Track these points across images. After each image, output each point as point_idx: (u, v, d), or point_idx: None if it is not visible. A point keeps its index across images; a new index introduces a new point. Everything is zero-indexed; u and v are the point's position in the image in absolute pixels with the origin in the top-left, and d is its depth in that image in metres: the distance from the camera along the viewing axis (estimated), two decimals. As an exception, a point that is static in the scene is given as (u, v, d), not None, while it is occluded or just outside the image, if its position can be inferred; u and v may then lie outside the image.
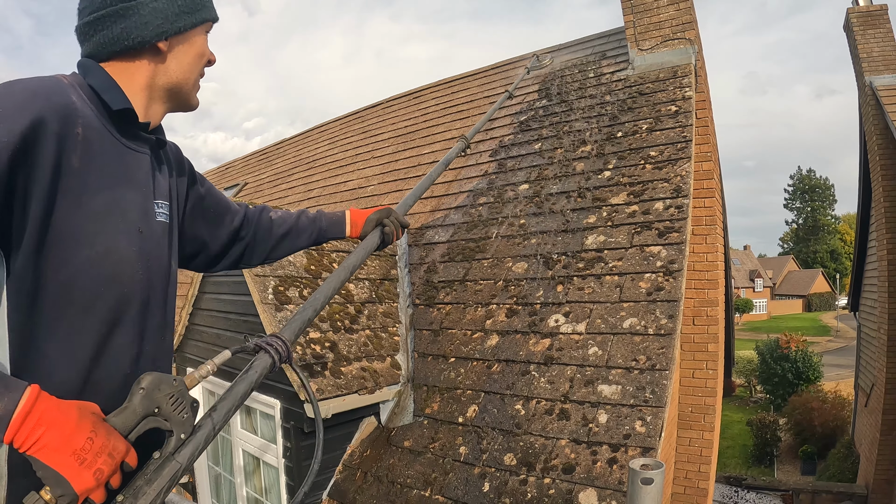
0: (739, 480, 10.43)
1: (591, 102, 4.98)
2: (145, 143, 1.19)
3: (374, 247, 1.73)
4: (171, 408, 0.96)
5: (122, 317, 1.09)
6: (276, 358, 1.15)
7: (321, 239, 1.78)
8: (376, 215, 1.80)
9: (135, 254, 1.10)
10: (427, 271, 4.24)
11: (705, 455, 4.44)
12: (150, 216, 1.17)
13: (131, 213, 1.11)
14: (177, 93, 1.25)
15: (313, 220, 1.77)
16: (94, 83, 1.10)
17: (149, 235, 1.15)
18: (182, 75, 1.24)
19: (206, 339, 4.05)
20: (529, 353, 3.22)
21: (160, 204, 1.22)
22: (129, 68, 1.16)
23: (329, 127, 9.59)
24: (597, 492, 2.45)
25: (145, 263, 1.14)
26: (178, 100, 1.27)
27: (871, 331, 10.33)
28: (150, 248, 1.16)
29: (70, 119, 1.00)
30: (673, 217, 3.40)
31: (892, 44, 8.23)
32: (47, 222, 0.96)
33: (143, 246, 1.13)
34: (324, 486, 3.24)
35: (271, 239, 1.67)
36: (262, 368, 1.13)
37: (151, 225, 1.17)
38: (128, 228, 1.09)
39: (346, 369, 3.23)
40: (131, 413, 0.92)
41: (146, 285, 1.14)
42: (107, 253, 1.05)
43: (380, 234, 1.76)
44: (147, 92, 1.19)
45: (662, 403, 2.62)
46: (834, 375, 21.45)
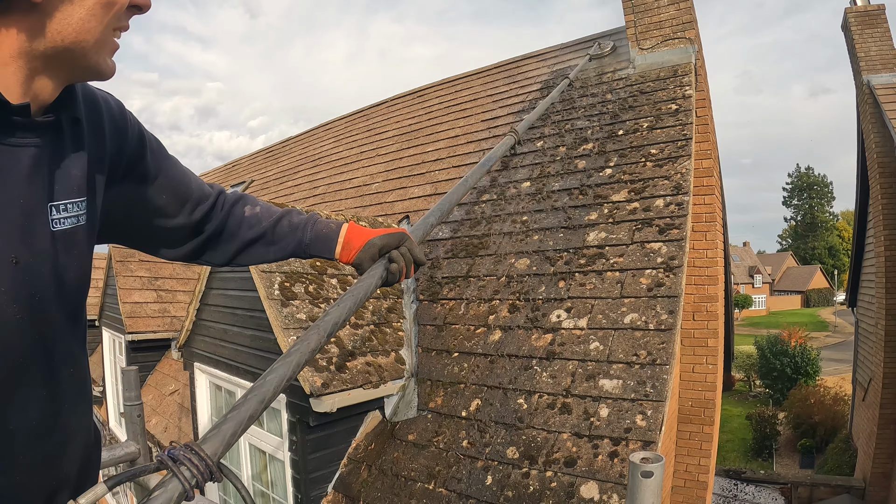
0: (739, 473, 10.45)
1: (593, 101, 4.98)
2: (31, 132, 0.85)
3: (372, 289, 1.32)
4: None
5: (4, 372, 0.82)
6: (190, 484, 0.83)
7: (300, 253, 1.37)
8: (381, 241, 1.35)
9: (5, 295, 0.81)
10: (431, 267, 4.26)
11: (705, 448, 4.45)
12: (35, 232, 0.86)
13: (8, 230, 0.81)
14: (70, 57, 0.86)
15: (295, 227, 1.36)
16: None
17: (32, 260, 0.85)
18: (75, 33, 0.84)
19: (213, 335, 4.08)
20: (532, 348, 3.24)
21: (62, 206, 0.91)
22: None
23: (334, 125, 9.61)
24: (598, 485, 2.47)
25: (25, 301, 0.84)
26: (76, 66, 0.89)
27: (868, 326, 10.37)
28: (37, 277, 0.86)
29: None
30: (673, 214, 3.42)
31: (889, 43, 8.26)
32: None
33: (23, 278, 0.83)
34: (329, 479, 3.25)
35: (237, 240, 1.33)
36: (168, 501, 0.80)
37: (37, 244, 0.86)
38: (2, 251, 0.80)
39: (350, 364, 3.25)
40: None
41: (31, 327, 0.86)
42: None
43: (382, 272, 1.35)
44: (24, 61, 0.82)
45: (663, 398, 2.63)
46: (832, 370, 21.52)
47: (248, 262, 1.38)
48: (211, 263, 1.36)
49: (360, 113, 9.12)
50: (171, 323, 6.45)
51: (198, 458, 0.84)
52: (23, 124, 0.84)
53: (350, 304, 1.27)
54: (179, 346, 4.52)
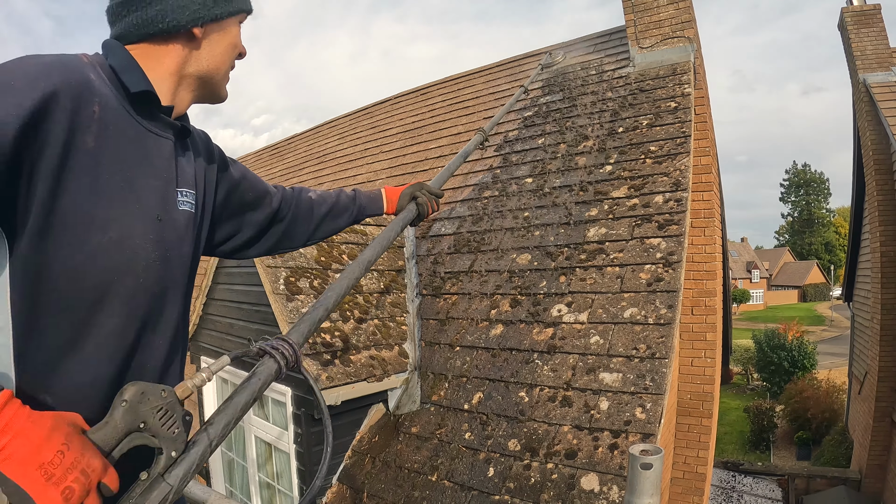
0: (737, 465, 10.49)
1: (594, 99, 5.00)
2: (169, 128, 1.12)
3: (410, 219, 1.75)
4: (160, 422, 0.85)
5: (136, 308, 1.01)
6: (283, 363, 1.05)
7: (360, 217, 1.77)
8: (409, 189, 1.84)
9: (152, 242, 1.03)
10: (434, 263, 4.29)
11: (703, 441, 4.48)
12: (170, 204, 1.10)
13: (149, 199, 1.04)
14: (207, 82, 1.20)
15: (352, 198, 1.75)
16: (114, 63, 1.03)
17: (168, 224, 1.08)
18: (214, 64, 1.18)
19: (220, 329, 4.12)
20: (533, 342, 3.27)
21: (184, 192, 1.15)
22: (159, 52, 1.10)
23: (339, 122, 9.60)
24: (598, 476, 2.50)
25: (163, 253, 1.06)
26: (208, 89, 1.22)
27: (864, 320, 10.42)
28: (170, 238, 1.09)
29: (86, 97, 0.93)
30: (672, 210, 3.44)
31: (885, 42, 8.27)
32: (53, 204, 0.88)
33: (162, 234, 1.06)
34: (334, 470, 3.29)
35: (313, 219, 1.64)
36: (267, 376, 1.01)
37: (172, 213, 1.10)
38: (145, 215, 1.02)
39: (355, 357, 3.28)
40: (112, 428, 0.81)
41: (162, 276, 1.07)
42: (121, 240, 0.97)
43: (415, 207, 1.80)
44: (176, 78, 1.12)
45: (662, 391, 2.66)
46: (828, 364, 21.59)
47: (323, 235, 1.71)
48: (293, 245, 1.65)
49: (364, 110, 9.11)
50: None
51: (288, 345, 1.07)
52: (167, 122, 1.12)
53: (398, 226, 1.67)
54: (186, 340, 4.55)
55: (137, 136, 1.03)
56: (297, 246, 1.67)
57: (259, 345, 1.06)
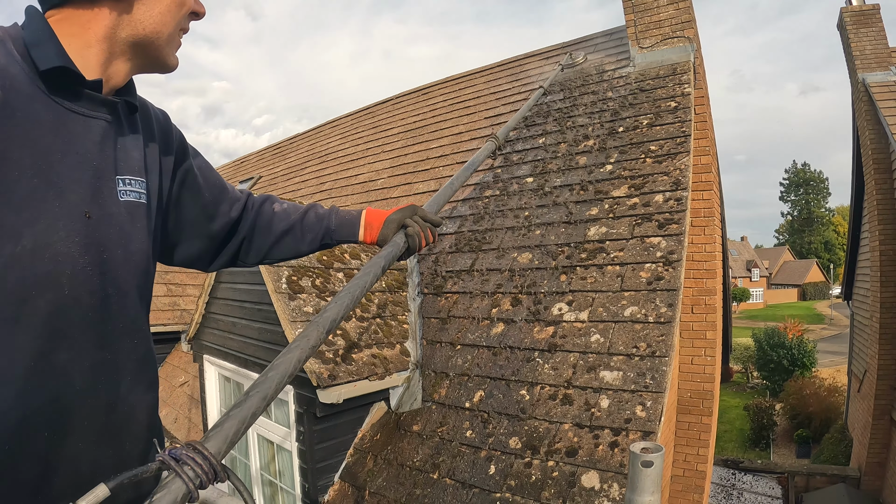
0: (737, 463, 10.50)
1: (594, 98, 5.02)
2: (101, 107, 0.96)
3: (395, 255, 1.36)
4: None
5: (65, 326, 0.87)
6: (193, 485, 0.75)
7: (328, 241, 1.44)
8: (397, 215, 1.43)
9: (78, 246, 0.88)
10: (435, 262, 4.30)
11: (703, 439, 4.48)
12: (105, 196, 0.95)
13: (74, 195, 0.89)
14: (146, 47, 1.00)
15: (321, 217, 1.43)
16: (26, 36, 0.88)
17: (103, 220, 0.93)
18: (152, 26, 0.99)
19: (223, 328, 4.13)
20: (534, 341, 3.28)
21: (127, 180, 1.00)
22: (83, 16, 0.92)
23: (340, 122, 9.61)
24: (599, 474, 2.51)
25: (96, 256, 0.92)
26: (149, 57, 1.03)
27: (863, 319, 10.43)
28: (106, 236, 0.94)
29: None
30: (672, 209, 3.45)
31: (884, 42, 8.27)
32: None
33: (93, 234, 0.91)
34: (336, 468, 3.30)
35: (270, 235, 1.38)
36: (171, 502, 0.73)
37: (107, 206, 0.95)
38: (68, 213, 0.87)
39: (356, 356, 3.29)
40: None
41: (99, 283, 0.92)
42: (36, 248, 0.83)
43: (404, 240, 1.40)
44: (106, 44, 0.95)
45: (662, 389, 2.67)
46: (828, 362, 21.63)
47: (281, 257, 1.44)
48: (246, 264, 1.42)
49: (365, 110, 9.13)
50: (180, 316, 6.49)
51: (201, 457, 0.77)
52: (94, 98, 0.94)
53: (376, 270, 1.27)
54: (189, 338, 4.56)
55: (56, 121, 0.88)
56: (249, 265, 1.43)
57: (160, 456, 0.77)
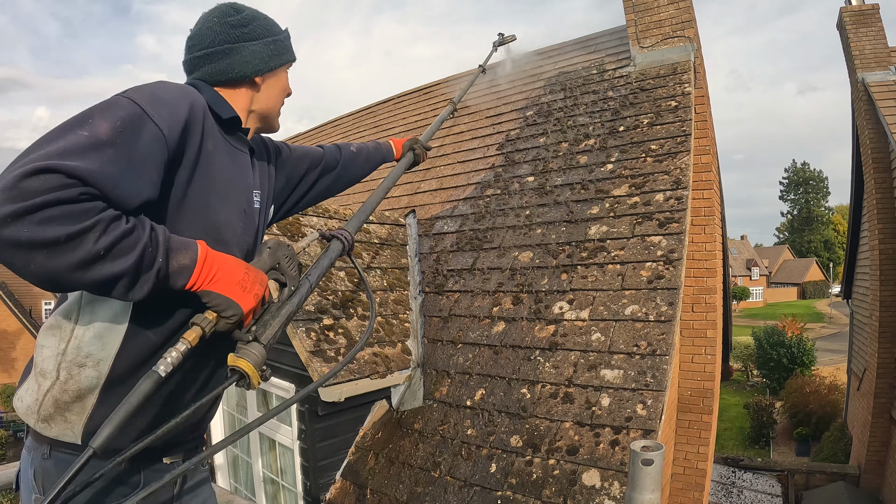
0: (737, 461, 10.50)
1: (595, 98, 5.02)
2: (246, 145, 1.46)
3: (409, 163, 2.33)
4: (287, 264, 1.30)
5: None
6: (346, 244, 1.53)
7: (384, 160, 2.29)
8: (408, 143, 2.39)
9: (241, 227, 1.38)
10: (436, 260, 4.31)
11: (704, 437, 4.49)
12: (250, 201, 1.44)
13: (240, 197, 1.39)
14: (265, 117, 1.54)
15: (377, 148, 2.26)
16: (206, 97, 1.32)
17: (249, 215, 1.43)
18: (270, 104, 1.52)
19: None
20: (535, 339, 3.29)
21: (256, 193, 1.49)
22: (230, 94, 1.41)
23: (342, 121, 9.61)
24: (599, 472, 2.53)
25: (244, 233, 1.40)
26: (265, 122, 1.56)
27: (863, 317, 10.45)
28: (248, 227, 1.43)
29: (205, 114, 1.26)
30: (673, 208, 3.47)
31: (883, 42, 8.29)
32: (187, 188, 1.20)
33: (246, 224, 1.41)
34: (337, 466, 3.32)
35: (357, 163, 2.10)
36: (335, 252, 1.48)
37: (251, 208, 1.45)
38: (238, 207, 1.37)
39: (358, 354, 3.31)
40: (262, 263, 1.25)
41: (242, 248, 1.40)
42: (226, 223, 1.32)
43: (412, 156, 2.35)
44: (245, 113, 1.45)
45: (663, 387, 2.69)
46: (827, 360, 21.64)
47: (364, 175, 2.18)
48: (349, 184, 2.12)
49: (367, 110, 9.13)
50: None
51: (346, 232, 1.56)
52: (244, 140, 1.46)
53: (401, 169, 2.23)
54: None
55: (229, 150, 1.36)
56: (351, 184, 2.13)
57: (327, 232, 1.54)
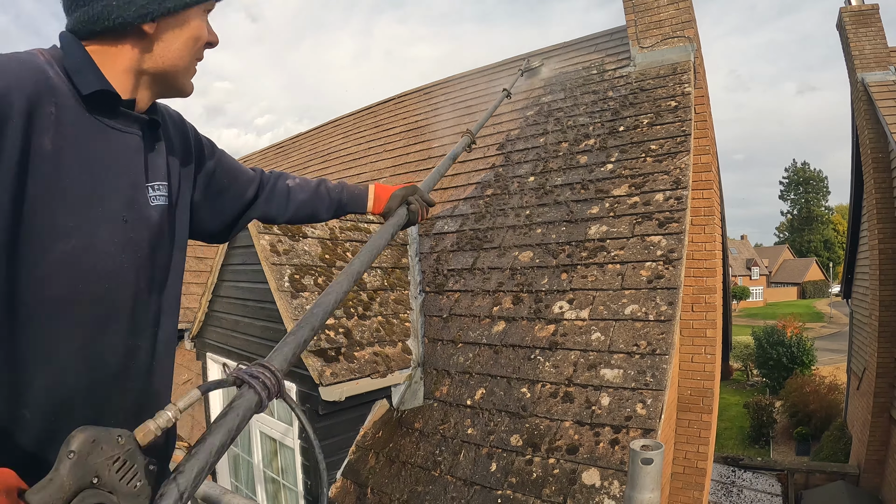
0: (736, 461, 10.49)
1: (594, 98, 5.03)
2: (134, 123, 1.07)
3: (400, 224, 1.63)
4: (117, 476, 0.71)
5: (107, 315, 0.99)
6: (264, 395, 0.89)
7: (340, 211, 1.66)
8: (402, 192, 1.68)
9: (118, 246, 1.00)
10: (437, 260, 4.32)
11: (703, 436, 4.50)
12: (138, 202, 1.06)
13: (113, 202, 1.00)
14: (164, 78, 1.10)
15: (333, 190, 1.64)
16: (67, 64, 0.97)
17: (137, 223, 1.05)
18: (171, 60, 1.08)
19: (225, 326, 4.15)
20: (535, 339, 3.30)
21: (155, 186, 1.11)
22: (109, 51, 1.02)
23: (343, 121, 9.62)
24: (599, 471, 2.53)
25: (132, 255, 1.03)
26: (168, 86, 1.13)
27: (862, 317, 10.46)
28: (140, 237, 1.06)
29: (41, 97, 0.89)
30: (672, 208, 3.47)
31: (883, 42, 8.29)
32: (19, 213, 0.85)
33: (130, 235, 1.03)
34: (338, 466, 3.33)
35: (290, 206, 1.56)
36: (246, 410, 0.86)
37: (140, 211, 1.06)
38: (108, 218, 0.99)
39: (359, 354, 3.31)
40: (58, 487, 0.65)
41: (134, 277, 1.04)
42: (85, 247, 0.94)
43: (406, 213, 1.66)
44: (132, 75, 1.05)
45: (662, 386, 2.69)
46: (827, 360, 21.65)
47: (300, 221, 1.63)
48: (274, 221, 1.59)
49: (368, 110, 9.14)
50: (183, 314, 6.48)
51: (269, 372, 0.91)
52: (128, 116, 1.06)
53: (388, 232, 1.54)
54: (192, 336, 4.58)
55: (99, 135, 0.99)
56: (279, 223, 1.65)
57: (235, 373, 0.89)
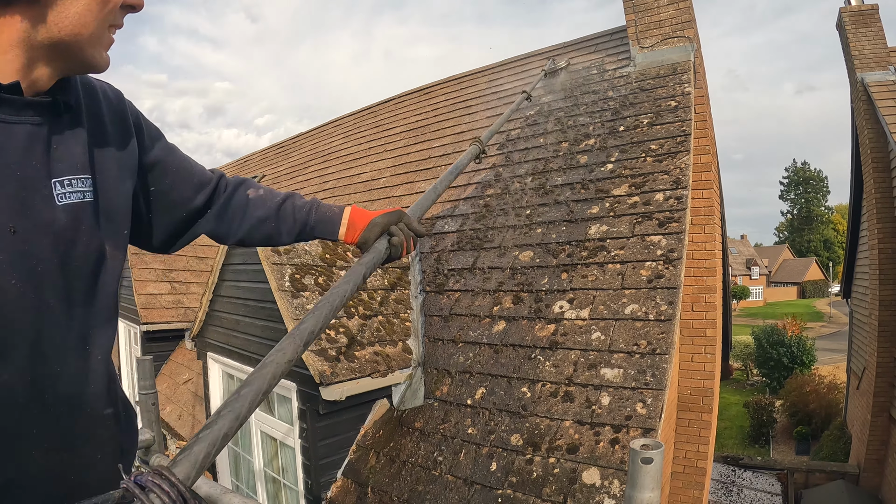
0: (736, 460, 10.51)
1: (595, 98, 5.03)
2: (28, 109, 0.89)
3: (377, 262, 1.32)
4: None
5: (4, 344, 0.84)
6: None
7: (305, 235, 1.39)
8: (383, 219, 1.38)
9: (4, 262, 0.83)
10: (437, 260, 4.32)
11: (703, 436, 4.50)
12: (35, 204, 0.88)
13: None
14: (67, 49, 0.91)
15: (300, 209, 1.37)
16: None
17: (31, 231, 0.87)
18: (70, 28, 0.89)
19: (226, 325, 4.15)
20: (535, 338, 3.30)
21: (66, 181, 0.94)
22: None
23: (343, 122, 9.63)
24: (599, 471, 2.53)
25: (27, 271, 0.86)
26: (71, 59, 0.93)
27: (862, 317, 10.47)
28: (38, 247, 0.88)
29: None
30: (673, 208, 3.47)
31: (882, 42, 8.30)
32: None
33: (21, 248, 0.86)
34: (338, 465, 3.32)
35: (245, 221, 1.33)
36: None
37: (38, 215, 0.89)
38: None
39: (359, 353, 3.30)
40: None
41: (34, 298, 0.87)
42: None
43: (385, 246, 1.35)
44: (22, 50, 0.87)
45: (662, 386, 2.69)
46: (827, 360, 21.68)
47: (256, 244, 1.40)
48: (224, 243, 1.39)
49: (368, 110, 9.15)
50: (184, 314, 6.54)
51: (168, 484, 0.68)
52: (14, 102, 0.87)
53: (360, 272, 1.23)
54: (193, 336, 4.58)
55: None
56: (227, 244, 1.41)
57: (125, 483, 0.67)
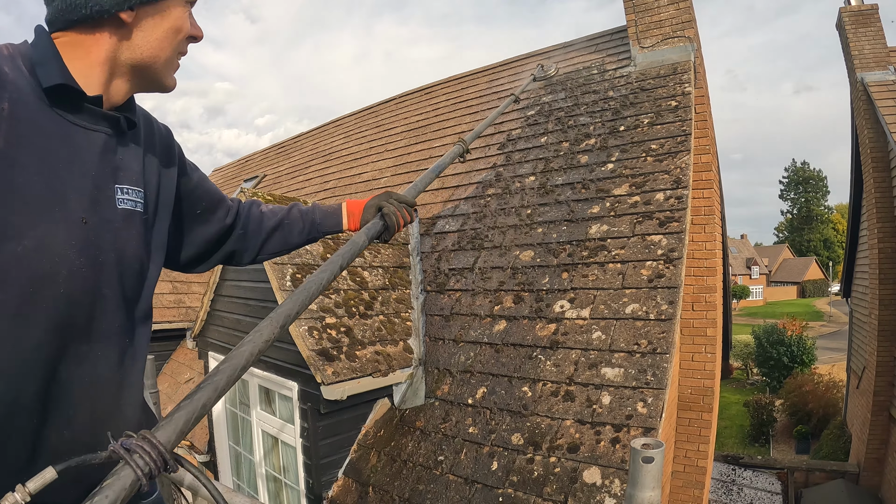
0: (737, 459, 10.50)
1: (595, 98, 5.03)
2: (102, 121, 1.02)
3: (374, 233, 1.49)
4: None
5: (59, 321, 0.93)
6: (142, 473, 0.74)
7: (315, 233, 1.57)
8: (375, 200, 1.58)
9: (75, 248, 0.94)
10: (438, 259, 4.33)
11: (704, 435, 4.50)
12: (102, 203, 1.00)
13: (73, 201, 0.95)
14: (144, 70, 1.07)
15: (305, 212, 1.56)
16: (33, 55, 0.95)
17: (98, 225, 0.99)
18: (150, 52, 1.05)
19: (227, 325, 4.16)
20: (536, 338, 3.30)
21: (125, 189, 1.05)
22: (86, 40, 0.99)
23: (344, 121, 9.60)
24: (600, 470, 2.54)
25: (92, 258, 0.97)
26: (147, 79, 1.09)
27: (862, 316, 10.46)
28: (102, 240, 1.00)
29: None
30: (673, 207, 3.47)
31: (882, 42, 8.29)
32: None
33: (90, 238, 0.97)
34: (339, 464, 3.34)
35: (262, 232, 1.49)
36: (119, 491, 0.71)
37: (104, 213, 1.00)
38: (67, 218, 0.93)
39: (360, 353, 3.32)
40: None
41: (94, 283, 0.98)
42: (37, 248, 0.89)
43: (381, 220, 1.51)
44: (107, 67, 1.01)
45: (663, 385, 2.70)
46: (827, 359, 21.67)
47: (272, 252, 1.55)
48: (241, 263, 1.54)
49: (369, 109, 9.12)
50: (186, 313, 6.54)
51: (150, 445, 0.76)
52: (94, 113, 1.01)
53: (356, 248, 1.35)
54: (194, 335, 4.59)
55: (60, 132, 0.95)
56: (244, 264, 1.54)
57: (112, 446, 0.76)
